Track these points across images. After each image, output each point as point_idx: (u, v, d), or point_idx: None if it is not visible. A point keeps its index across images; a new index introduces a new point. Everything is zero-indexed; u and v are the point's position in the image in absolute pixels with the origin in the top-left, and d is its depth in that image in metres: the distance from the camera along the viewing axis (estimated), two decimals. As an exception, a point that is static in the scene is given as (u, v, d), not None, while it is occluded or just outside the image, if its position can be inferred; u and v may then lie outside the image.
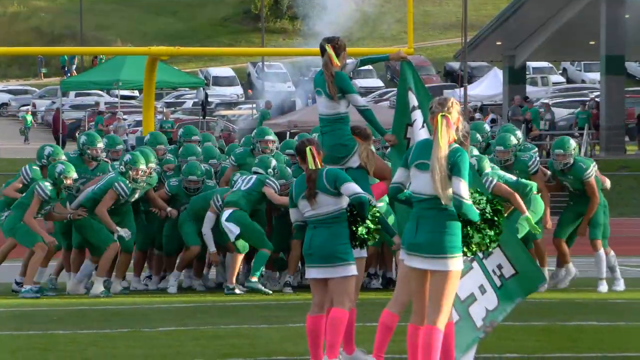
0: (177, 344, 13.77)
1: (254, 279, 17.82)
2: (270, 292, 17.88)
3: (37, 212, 17.70)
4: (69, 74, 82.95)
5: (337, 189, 11.39)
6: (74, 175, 17.84)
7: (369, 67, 72.53)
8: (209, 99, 63.19)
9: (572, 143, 17.92)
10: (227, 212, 17.84)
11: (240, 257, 18.05)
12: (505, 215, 15.54)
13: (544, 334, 14.34)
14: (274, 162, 18.46)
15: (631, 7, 49.90)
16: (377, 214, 11.45)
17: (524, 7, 54.82)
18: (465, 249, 10.33)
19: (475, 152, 17.59)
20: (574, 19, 54.14)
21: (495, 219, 10.40)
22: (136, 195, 18.18)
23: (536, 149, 20.41)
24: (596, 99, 55.10)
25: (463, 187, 10.16)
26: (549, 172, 18.34)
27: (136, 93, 66.49)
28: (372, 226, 11.37)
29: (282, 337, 14.09)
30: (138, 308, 16.80)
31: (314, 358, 11.64)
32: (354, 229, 11.40)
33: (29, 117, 62.38)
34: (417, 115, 12.15)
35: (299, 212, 11.71)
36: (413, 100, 12.28)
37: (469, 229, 10.27)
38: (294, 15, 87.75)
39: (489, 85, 69.09)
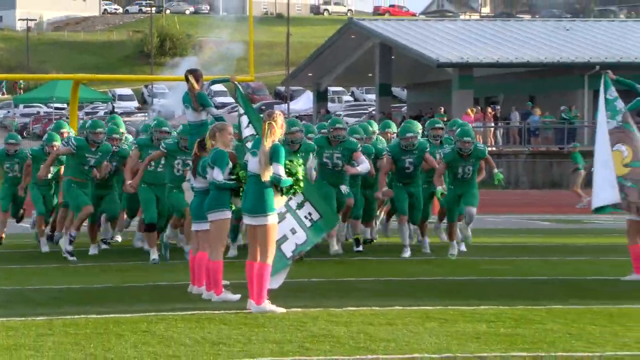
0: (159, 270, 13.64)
1: None
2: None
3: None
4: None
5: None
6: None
7: (224, 88, 72.13)
8: (115, 110, 62.81)
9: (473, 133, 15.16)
10: None
11: None
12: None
13: (341, 265, 14.41)
14: None
15: (396, 52, 50.48)
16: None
17: (326, 52, 55.25)
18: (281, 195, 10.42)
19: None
20: (358, 60, 54.71)
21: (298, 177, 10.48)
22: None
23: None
24: (372, 112, 55.71)
25: (280, 169, 10.21)
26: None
27: (65, 105, 65.59)
28: None
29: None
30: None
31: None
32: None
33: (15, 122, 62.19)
34: (244, 119, 12.26)
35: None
36: (240, 110, 12.34)
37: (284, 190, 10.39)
38: (174, 54, 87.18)
39: (304, 102, 69.56)
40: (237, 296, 10.96)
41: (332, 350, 8.37)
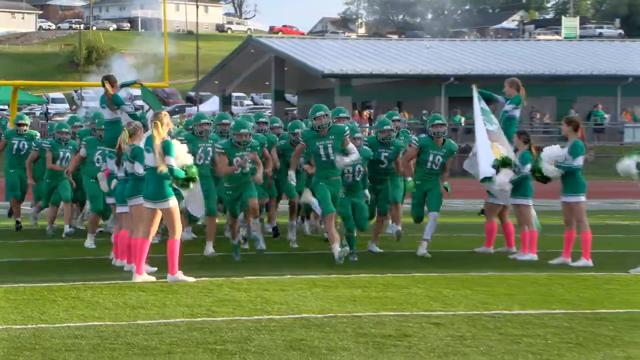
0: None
1: None
2: None
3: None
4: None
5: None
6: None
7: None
8: (49, 110, 61.49)
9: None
10: None
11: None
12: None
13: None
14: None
15: (288, 64, 50.50)
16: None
17: (230, 63, 54.97)
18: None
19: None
20: (257, 70, 54.56)
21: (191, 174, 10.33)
22: None
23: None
24: (269, 114, 55.61)
25: (172, 161, 10.09)
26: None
27: (6, 107, 63.88)
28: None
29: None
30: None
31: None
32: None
33: None
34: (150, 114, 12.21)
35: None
36: (145, 106, 12.19)
37: (182, 181, 10.24)
38: (100, 64, 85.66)
39: (211, 105, 68.68)
40: (153, 278, 10.38)
41: (234, 312, 8.36)
